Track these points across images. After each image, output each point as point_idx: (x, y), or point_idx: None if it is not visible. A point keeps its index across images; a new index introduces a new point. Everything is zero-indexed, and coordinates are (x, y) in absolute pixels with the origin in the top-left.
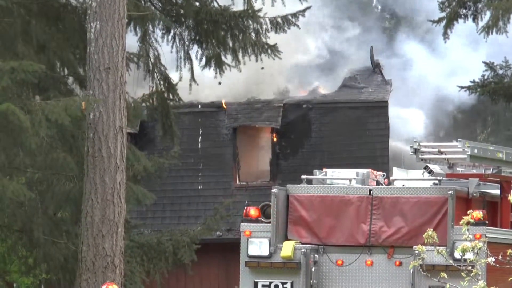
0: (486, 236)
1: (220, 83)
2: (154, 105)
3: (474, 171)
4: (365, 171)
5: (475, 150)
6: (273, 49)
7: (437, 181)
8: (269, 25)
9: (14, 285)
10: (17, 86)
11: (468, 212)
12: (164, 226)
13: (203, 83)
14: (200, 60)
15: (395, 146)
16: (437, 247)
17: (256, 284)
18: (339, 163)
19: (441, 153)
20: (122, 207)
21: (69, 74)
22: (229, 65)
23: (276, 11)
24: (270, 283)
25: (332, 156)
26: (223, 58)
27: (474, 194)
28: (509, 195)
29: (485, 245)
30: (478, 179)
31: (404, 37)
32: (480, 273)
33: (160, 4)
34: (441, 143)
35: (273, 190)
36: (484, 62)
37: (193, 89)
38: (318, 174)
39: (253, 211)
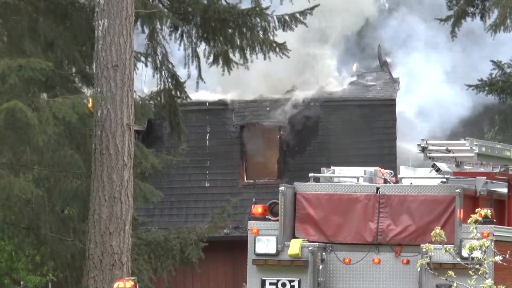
0: (493, 235)
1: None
2: (162, 102)
3: (482, 170)
4: (372, 169)
5: (483, 149)
6: (282, 48)
7: (444, 180)
8: (276, 23)
9: (21, 282)
10: (24, 84)
11: (475, 210)
12: (171, 224)
13: (211, 80)
14: (208, 57)
15: (402, 144)
16: (445, 245)
17: (263, 282)
18: (346, 161)
19: (449, 151)
20: (130, 204)
21: (77, 72)
22: (236, 63)
23: (284, 9)
24: (278, 281)
25: (340, 154)
26: (230, 55)
27: (482, 193)
28: None
29: (492, 243)
30: (485, 177)
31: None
32: (487, 271)
33: (167, 2)
34: (449, 141)
35: (281, 188)
36: (491, 61)
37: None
38: (325, 172)
39: (260, 209)
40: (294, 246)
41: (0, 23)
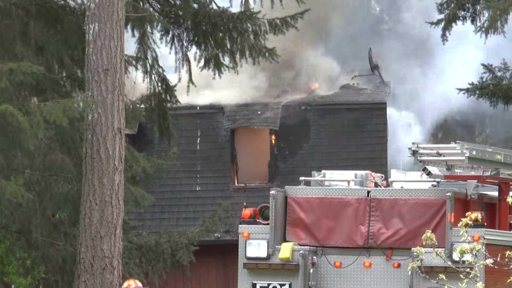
0: (484, 238)
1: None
2: (152, 106)
3: (473, 173)
4: (363, 172)
5: (474, 152)
6: (271, 53)
7: (435, 183)
8: (267, 27)
9: (12, 286)
10: (15, 88)
11: (466, 214)
12: (162, 228)
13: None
14: (199, 61)
15: (393, 147)
16: (436, 249)
17: (254, 285)
18: (337, 165)
19: (440, 154)
20: (121, 208)
21: (68, 76)
22: (227, 67)
23: (276, 13)
24: (268, 284)
25: (331, 157)
26: (221, 59)
27: (473, 196)
28: (507, 197)
29: (483, 246)
30: (476, 180)
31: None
32: (478, 274)
33: (158, 6)
34: (440, 144)
35: (272, 192)
36: (482, 64)
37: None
38: (316, 176)
39: (251, 213)
40: (285, 250)
41: None
